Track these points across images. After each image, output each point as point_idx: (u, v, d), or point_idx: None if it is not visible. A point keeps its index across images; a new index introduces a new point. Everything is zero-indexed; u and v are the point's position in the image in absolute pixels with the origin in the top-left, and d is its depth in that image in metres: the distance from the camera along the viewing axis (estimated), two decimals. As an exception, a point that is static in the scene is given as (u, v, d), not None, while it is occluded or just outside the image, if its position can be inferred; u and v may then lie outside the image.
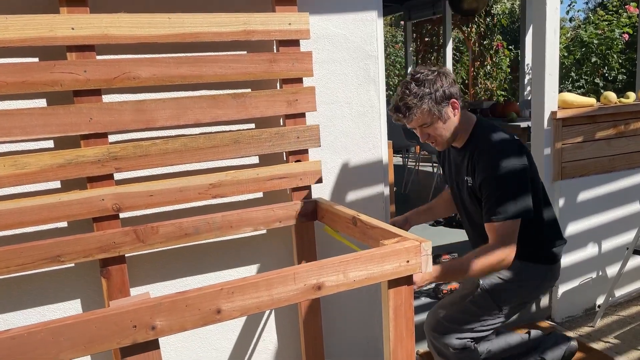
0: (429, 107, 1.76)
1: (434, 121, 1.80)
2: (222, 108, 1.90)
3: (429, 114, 1.78)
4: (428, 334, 1.94)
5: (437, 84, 1.77)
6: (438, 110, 1.78)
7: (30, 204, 1.70)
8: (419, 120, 1.79)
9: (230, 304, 1.31)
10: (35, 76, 1.65)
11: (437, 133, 1.83)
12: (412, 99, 1.75)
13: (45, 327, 1.13)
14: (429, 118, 1.79)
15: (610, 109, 2.81)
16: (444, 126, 1.82)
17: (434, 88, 1.76)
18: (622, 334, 2.71)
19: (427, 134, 1.84)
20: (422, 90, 1.75)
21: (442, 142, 1.86)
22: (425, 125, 1.81)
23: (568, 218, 2.83)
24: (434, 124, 1.80)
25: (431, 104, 1.76)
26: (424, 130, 1.83)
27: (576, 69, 8.19)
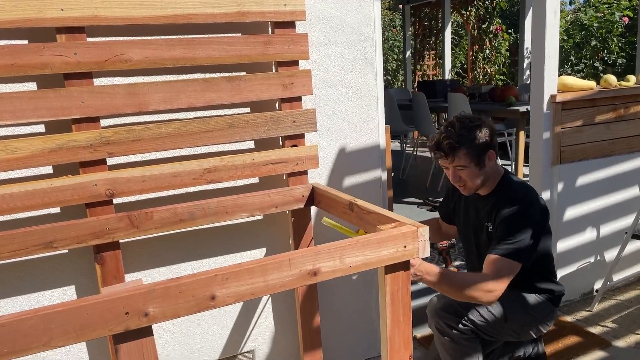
0: (470, 152, 1.83)
1: (470, 166, 1.85)
2: (217, 91, 1.87)
3: (468, 158, 1.83)
4: (434, 312, 1.92)
5: (482, 131, 1.84)
6: (477, 157, 1.84)
7: (21, 190, 1.67)
8: (458, 162, 1.85)
9: (225, 290, 1.29)
10: (25, 59, 1.62)
11: (470, 178, 1.88)
12: (456, 140, 1.81)
13: (36, 314, 1.11)
14: (466, 162, 1.84)
15: (610, 92, 2.78)
16: (478, 173, 1.88)
17: (479, 135, 1.83)
18: (620, 318, 2.71)
19: (459, 177, 1.89)
20: (467, 134, 1.82)
21: (470, 187, 1.92)
22: (461, 167, 1.86)
23: (567, 202, 2.81)
24: (470, 169, 1.86)
25: (472, 150, 1.83)
26: (457, 172, 1.88)
27: (576, 53, 8.14)
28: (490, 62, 9.47)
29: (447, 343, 1.90)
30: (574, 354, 2.39)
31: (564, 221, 2.82)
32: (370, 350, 2.47)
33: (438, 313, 1.91)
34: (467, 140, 1.82)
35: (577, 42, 8.13)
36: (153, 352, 1.25)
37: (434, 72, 10.31)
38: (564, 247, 2.85)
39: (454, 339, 1.89)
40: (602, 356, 2.37)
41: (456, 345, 1.89)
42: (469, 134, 1.83)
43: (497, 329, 1.94)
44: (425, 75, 10.30)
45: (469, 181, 1.89)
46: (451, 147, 1.82)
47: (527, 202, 1.89)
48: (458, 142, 1.81)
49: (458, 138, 1.81)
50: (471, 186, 1.91)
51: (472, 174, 1.87)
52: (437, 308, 1.93)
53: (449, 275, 1.77)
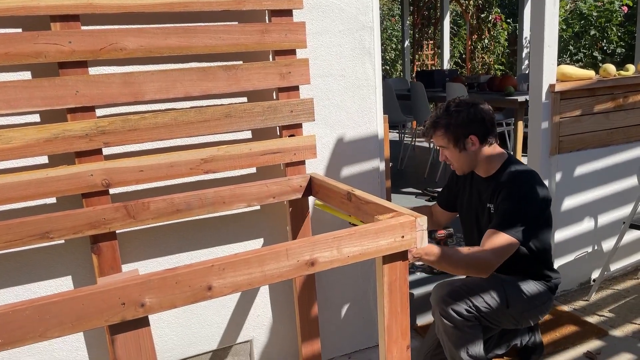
0: (447, 133, 1.95)
1: (449, 147, 1.98)
2: (213, 80, 1.85)
3: (445, 139, 1.97)
4: (441, 299, 1.93)
5: (460, 115, 1.94)
6: (455, 139, 1.95)
7: (17, 180, 1.66)
8: (437, 141, 2.00)
9: (222, 280, 1.28)
10: (19, 47, 1.60)
11: (453, 159, 2.01)
12: (434, 121, 1.97)
13: (31, 304, 1.10)
14: (444, 142, 1.97)
15: (610, 82, 2.77)
16: (460, 155, 1.99)
17: (456, 120, 1.94)
18: (617, 307, 2.72)
19: (444, 156, 2.03)
20: (446, 117, 1.95)
21: (457, 167, 2.05)
22: (442, 147, 2.01)
23: (565, 192, 2.81)
24: (450, 150, 1.99)
25: (449, 132, 1.95)
26: (442, 152, 2.03)
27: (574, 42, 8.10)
28: (489, 52, 9.43)
29: (450, 330, 1.91)
30: (571, 343, 2.40)
31: (562, 211, 2.82)
32: (368, 340, 2.48)
33: (444, 299, 1.92)
34: (445, 123, 1.95)
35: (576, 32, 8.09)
36: (150, 342, 1.25)
37: (433, 62, 10.26)
38: (561, 237, 2.85)
39: (457, 326, 1.90)
40: (599, 345, 2.38)
41: (459, 332, 1.90)
42: (448, 117, 1.95)
43: (499, 315, 1.96)
44: (424, 65, 10.26)
45: (453, 161, 2.02)
46: (429, 127, 2.00)
47: (529, 184, 1.94)
48: (436, 123, 1.97)
49: (436, 119, 1.97)
50: (457, 166, 2.04)
51: (453, 155, 1.99)
52: (443, 294, 1.94)
53: (447, 253, 1.80)
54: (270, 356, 2.29)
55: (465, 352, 1.91)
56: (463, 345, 1.92)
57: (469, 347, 1.92)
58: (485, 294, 1.94)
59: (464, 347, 1.91)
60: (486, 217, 2.04)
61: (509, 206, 1.90)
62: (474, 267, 1.83)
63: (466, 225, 2.21)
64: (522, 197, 1.91)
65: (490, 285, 1.97)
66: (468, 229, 2.20)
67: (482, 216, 2.07)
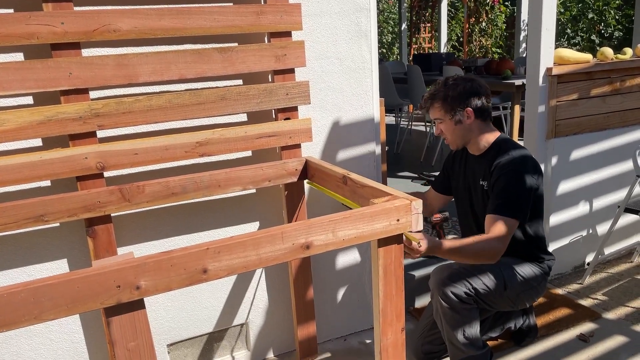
0: (444, 105, 1.99)
1: (445, 120, 2.01)
2: (208, 63, 1.84)
3: (442, 111, 2.00)
4: (440, 281, 1.95)
5: (458, 88, 1.98)
6: (452, 111, 1.98)
7: (10, 162, 1.65)
8: (433, 113, 2.03)
9: (217, 263, 1.28)
10: (10, 28, 1.58)
11: (448, 132, 2.03)
12: (432, 94, 2.01)
13: (26, 287, 1.10)
14: (441, 114, 2.01)
15: (607, 65, 2.76)
16: (455, 128, 2.01)
17: (454, 92, 1.97)
18: (610, 290, 2.74)
19: (440, 129, 2.05)
20: (443, 90, 1.99)
21: (451, 141, 2.06)
22: (438, 120, 2.04)
23: (560, 176, 2.81)
24: (446, 123, 2.02)
25: (446, 104, 1.98)
26: (437, 125, 2.06)
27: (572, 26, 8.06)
28: (486, 35, 9.38)
29: (448, 312, 1.92)
30: (565, 326, 2.42)
31: (557, 195, 2.83)
32: (363, 323, 2.50)
33: (444, 282, 1.94)
34: (442, 95, 1.99)
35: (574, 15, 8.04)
36: (145, 324, 1.25)
37: (430, 45, 10.21)
38: (556, 221, 2.86)
39: (455, 308, 1.91)
40: (592, 328, 2.40)
41: (457, 314, 1.92)
42: (446, 89, 1.99)
43: (496, 297, 1.98)
44: (421, 48, 10.20)
45: (447, 135, 2.04)
46: (430, 96, 2.02)
47: (521, 161, 1.96)
48: (433, 95, 2.01)
49: (435, 92, 2.01)
50: (451, 140, 2.06)
51: (448, 128, 2.02)
52: (442, 277, 1.95)
53: (454, 247, 1.83)
54: (265, 339, 2.31)
55: (462, 334, 1.93)
56: (460, 328, 1.93)
57: (465, 330, 1.93)
58: (484, 276, 1.96)
59: (461, 329, 1.93)
60: (480, 195, 2.06)
61: (505, 187, 1.92)
62: (483, 257, 1.87)
63: (460, 207, 2.22)
64: (518, 178, 1.92)
65: (488, 268, 1.98)
66: (462, 211, 2.21)
67: (476, 194, 2.09)
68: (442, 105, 1.98)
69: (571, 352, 2.24)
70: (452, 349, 1.98)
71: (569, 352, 2.24)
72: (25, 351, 1.89)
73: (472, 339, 1.95)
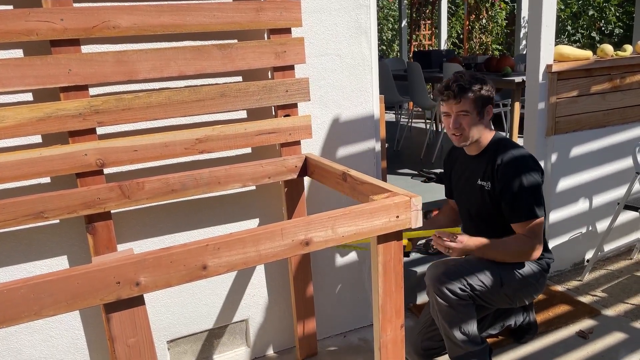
0: (476, 99, 1.94)
1: (472, 114, 1.95)
2: (207, 59, 1.84)
3: (472, 104, 1.94)
4: (436, 278, 1.95)
5: (487, 85, 1.97)
6: (480, 106, 1.96)
7: (10, 159, 1.65)
8: (463, 105, 1.94)
9: (217, 259, 1.29)
10: (10, 25, 1.57)
11: (469, 126, 1.97)
12: (466, 84, 1.93)
13: (26, 283, 1.10)
14: (470, 107, 1.94)
15: (607, 62, 2.76)
16: (477, 123, 1.98)
17: (485, 87, 1.96)
18: (610, 287, 2.74)
19: (459, 123, 1.96)
20: (475, 82, 1.95)
21: (466, 136, 1.99)
22: (464, 113, 1.95)
23: (560, 173, 2.81)
24: (471, 117, 1.96)
25: (478, 98, 1.95)
26: (459, 117, 1.96)
27: (573, 23, 8.05)
28: (486, 32, 9.36)
29: (444, 309, 1.92)
30: (564, 323, 2.42)
31: (557, 192, 2.83)
32: (363, 319, 2.50)
33: (440, 279, 1.93)
34: (475, 87, 1.94)
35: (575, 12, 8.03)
36: (145, 321, 1.25)
37: (430, 42, 10.19)
38: (556, 218, 2.86)
39: (451, 305, 1.91)
40: (591, 324, 2.41)
41: (453, 311, 1.92)
42: (477, 83, 1.95)
43: (493, 294, 1.97)
44: (421, 45, 10.19)
45: (467, 129, 1.97)
46: (461, 89, 1.92)
47: (524, 160, 1.97)
48: (466, 89, 1.93)
49: (468, 84, 1.94)
50: (467, 135, 1.98)
51: (471, 122, 1.96)
52: (438, 273, 1.95)
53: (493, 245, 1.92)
54: (265, 335, 2.31)
55: (459, 331, 1.94)
56: (457, 324, 1.93)
57: (462, 326, 1.94)
58: (480, 273, 1.95)
59: (457, 325, 1.93)
60: (479, 195, 2.05)
61: (519, 192, 1.93)
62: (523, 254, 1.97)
63: (461, 207, 2.21)
64: (527, 179, 1.94)
65: (485, 264, 1.98)
66: (463, 210, 2.20)
67: (474, 194, 2.08)
68: (473, 100, 1.94)
69: (570, 348, 2.24)
70: (450, 345, 1.98)
71: (568, 348, 2.24)
72: (25, 347, 1.90)
73: (470, 334, 1.95)
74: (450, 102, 1.95)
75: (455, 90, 1.93)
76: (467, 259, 2.04)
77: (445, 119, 2.01)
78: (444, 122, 2.04)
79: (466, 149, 2.09)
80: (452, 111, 1.97)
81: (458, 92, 1.93)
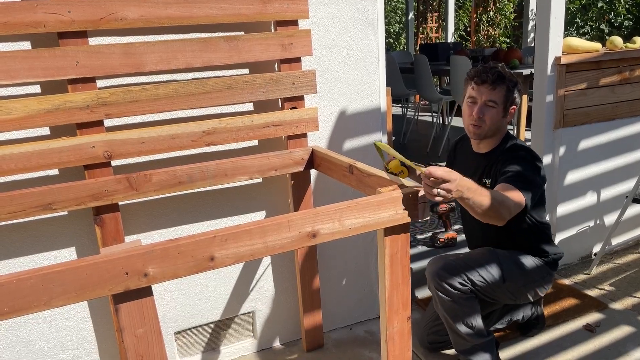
0: (508, 93, 1.91)
1: (499, 107, 1.91)
2: (214, 52, 1.83)
3: (503, 97, 1.91)
4: (435, 272, 1.93)
5: (519, 87, 1.96)
6: (508, 102, 1.93)
7: (19, 151, 1.65)
8: (495, 94, 1.90)
9: (224, 251, 1.29)
10: (17, 17, 1.58)
11: (491, 119, 1.92)
12: (506, 75, 1.91)
13: (35, 274, 1.11)
14: (500, 99, 1.91)
15: (616, 55, 2.73)
16: (499, 119, 1.93)
17: (518, 87, 1.95)
18: (617, 281, 2.73)
19: (483, 112, 1.91)
20: (512, 78, 1.93)
21: (485, 129, 1.94)
22: (492, 104, 1.91)
23: (568, 167, 2.80)
24: (497, 109, 1.92)
25: (509, 92, 1.92)
26: (487, 107, 1.91)
27: (581, 15, 7.97)
28: (494, 25, 9.30)
29: (446, 303, 1.92)
30: (571, 316, 2.42)
31: (565, 185, 2.81)
32: (369, 312, 2.50)
33: (438, 273, 1.93)
34: (512, 82, 1.92)
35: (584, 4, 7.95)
36: (153, 311, 1.26)
37: (437, 35, 10.14)
38: (564, 211, 2.85)
39: (453, 299, 1.91)
40: (598, 318, 2.40)
41: (455, 304, 1.91)
42: (514, 79, 1.94)
43: (495, 290, 1.96)
44: (428, 38, 10.14)
45: (489, 121, 1.92)
46: (500, 77, 1.89)
47: (530, 157, 1.94)
48: (504, 79, 1.90)
49: (506, 77, 1.91)
50: (486, 128, 1.94)
51: (495, 116, 1.92)
52: (437, 268, 1.94)
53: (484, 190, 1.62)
54: (272, 327, 2.32)
55: (463, 324, 1.93)
56: (461, 318, 1.93)
57: (466, 319, 1.93)
58: (482, 268, 1.94)
59: (461, 319, 1.93)
60: None
61: (519, 169, 1.85)
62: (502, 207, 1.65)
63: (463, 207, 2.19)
64: (529, 166, 1.89)
65: (487, 260, 1.97)
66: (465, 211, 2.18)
67: None
68: (506, 93, 1.91)
69: (577, 342, 2.24)
70: (456, 338, 1.98)
71: (575, 342, 2.24)
72: (34, 338, 1.91)
73: (475, 327, 1.94)
74: (483, 88, 1.90)
75: (493, 76, 1.88)
76: (467, 253, 2.03)
77: (469, 106, 1.94)
78: (465, 110, 1.96)
79: (476, 144, 2.06)
80: (480, 98, 1.91)
81: (496, 78, 1.89)
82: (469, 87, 1.96)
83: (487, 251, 2.02)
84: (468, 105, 1.95)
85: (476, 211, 1.60)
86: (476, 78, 1.92)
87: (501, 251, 2.02)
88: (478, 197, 1.56)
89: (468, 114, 1.95)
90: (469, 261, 1.96)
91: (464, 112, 1.98)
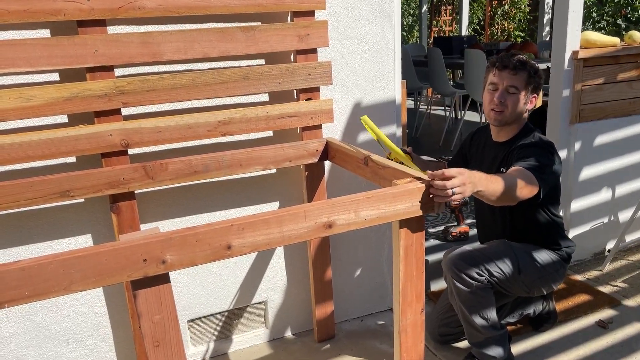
0: (529, 80, 1.93)
1: (520, 93, 1.93)
2: (231, 42, 1.84)
3: (524, 83, 1.93)
4: (452, 262, 1.94)
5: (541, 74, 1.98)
6: (529, 89, 1.94)
7: (38, 138, 1.67)
8: (517, 80, 1.92)
9: (241, 240, 1.30)
10: (37, 5, 1.59)
11: (512, 105, 1.93)
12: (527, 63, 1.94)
13: (56, 259, 1.13)
14: (521, 85, 1.92)
15: (634, 49, 2.70)
16: (520, 105, 1.94)
17: (539, 74, 1.97)
18: (631, 278, 2.72)
19: (504, 98, 1.93)
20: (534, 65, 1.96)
21: (505, 115, 1.95)
22: (514, 89, 1.92)
23: (583, 162, 2.77)
24: (518, 96, 1.93)
25: (530, 80, 1.94)
26: (508, 93, 1.93)
27: (598, 9, 7.87)
28: (509, 18, 9.21)
29: (463, 292, 1.91)
30: (584, 312, 2.41)
31: (580, 181, 2.79)
32: (380, 305, 2.51)
33: (455, 262, 1.93)
34: (533, 69, 1.94)
35: (600, -2, 7.85)
36: (170, 298, 1.27)
37: (451, 28, 10.07)
38: (578, 207, 2.83)
39: (470, 289, 1.90)
40: (611, 314, 2.39)
41: (472, 295, 1.91)
42: (535, 66, 1.96)
43: (511, 281, 1.96)
44: (441, 31, 10.07)
45: (510, 107, 1.93)
46: (521, 63, 1.92)
47: (548, 147, 1.93)
48: (526, 65, 1.93)
49: (528, 64, 1.94)
50: (507, 113, 1.94)
51: (516, 102, 1.93)
52: (455, 258, 1.94)
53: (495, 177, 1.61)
54: (283, 318, 2.34)
55: (479, 316, 1.93)
56: (477, 309, 1.93)
57: (482, 311, 1.93)
58: (498, 259, 1.94)
59: (477, 311, 1.93)
60: None
61: (536, 157, 1.84)
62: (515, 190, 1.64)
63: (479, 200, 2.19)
64: (545, 157, 1.87)
65: (503, 251, 1.97)
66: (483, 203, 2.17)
67: None
68: (527, 78, 1.92)
69: (590, 338, 2.23)
70: (470, 330, 1.98)
71: (588, 338, 2.23)
72: (49, 323, 1.94)
73: (490, 320, 1.94)
74: (505, 73, 1.92)
75: (514, 63, 1.91)
76: (484, 246, 2.03)
77: (490, 93, 1.96)
78: (486, 96, 1.98)
79: (496, 132, 2.05)
80: (501, 84, 1.93)
81: (517, 64, 1.91)
82: (490, 74, 1.98)
83: (502, 243, 2.02)
84: (489, 91, 1.97)
85: (490, 199, 1.62)
86: (498, 63, 1.94)
87: (516, 244, 2.02)
88: (491, 186, 1.57)
89: (489, 100, 1.96)
90: (486, 252, 1.96)
91: (485, 100, 1.99)
